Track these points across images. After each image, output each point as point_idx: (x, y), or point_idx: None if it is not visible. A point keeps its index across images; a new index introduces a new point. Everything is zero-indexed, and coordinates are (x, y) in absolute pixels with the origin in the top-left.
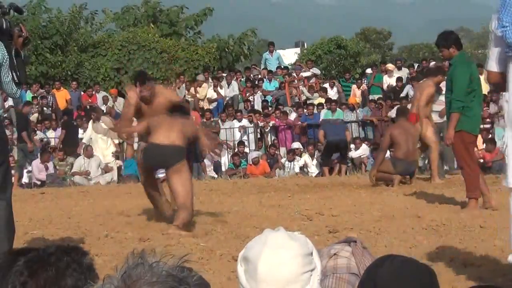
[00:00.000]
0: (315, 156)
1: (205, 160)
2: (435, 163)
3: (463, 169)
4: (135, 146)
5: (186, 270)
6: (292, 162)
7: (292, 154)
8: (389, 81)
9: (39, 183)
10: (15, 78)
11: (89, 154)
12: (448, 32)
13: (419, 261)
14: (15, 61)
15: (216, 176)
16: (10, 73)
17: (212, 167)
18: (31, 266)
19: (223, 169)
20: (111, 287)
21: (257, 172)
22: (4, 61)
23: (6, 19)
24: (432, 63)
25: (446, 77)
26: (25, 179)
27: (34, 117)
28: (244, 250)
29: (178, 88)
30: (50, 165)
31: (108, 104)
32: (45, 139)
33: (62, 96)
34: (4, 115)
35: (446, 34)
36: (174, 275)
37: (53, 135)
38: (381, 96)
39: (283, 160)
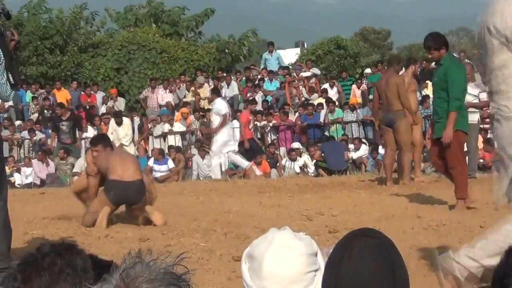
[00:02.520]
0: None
1: (204, 160)
2: (419, 163)
3: (455, 169)
4: None
5: (184, 268)
6: (293, 162)
7: (294, 153)
8: None
9: (38, 182)
10: (10, 80)
11: None
12: (437, 34)
13: (376, 248)
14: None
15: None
16: (5, 75)
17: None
18: (25, 270)
19: (223, 169)
20: (110, 287)
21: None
22: (0, 62)
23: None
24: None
25: (435, 78)
26: (26, 179)
27: (34, 117)
28: (249, 248)
29: (179, 88)
30: (51, 164)
31: (108, 104)
32: (42, 139)
33: (62, 96)
34: (5, 116)
35: (435, 36)
36: (172, 273)
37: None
38: None
39: (283, 161)
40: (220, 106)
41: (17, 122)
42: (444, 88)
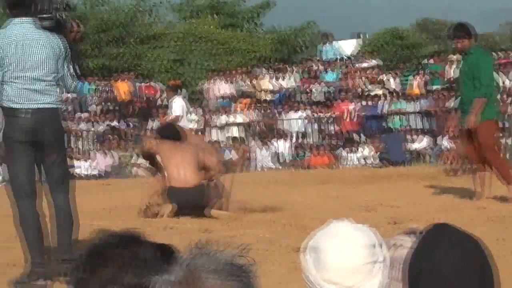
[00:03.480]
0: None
1: (266, 151)
2: None
3: (493, 160)
4: None
5: (246, 259)
6: (352, 154)
7: (352, 145)
8: (451, 72)
9: (102, 174)
10: (76, 71)
11: None
12: (463, 24)
13: (465, 242)
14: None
15: (276, 166)
16: (70, 66)
17: (271, 158)
18: (90, 261)
19: (286, 160)
20: (172, 278)
21: (319, 163)
22: (64, 53)
23: (61, 14)
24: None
25: (464, 67)
26: (89, 171)
27: (94, 108)
28: (309, 239)
29: (238, 80)
30: (115, 155)
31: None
32: (106, 129)
33: (122, 88)
34: (64, 107)
35: (462, 25)
36: (235, 264)
37: (115, 125)
38: (441, 86)
39: (341, 152)
40: (177, 106)
41: (78, 114)
42: (473, 77)
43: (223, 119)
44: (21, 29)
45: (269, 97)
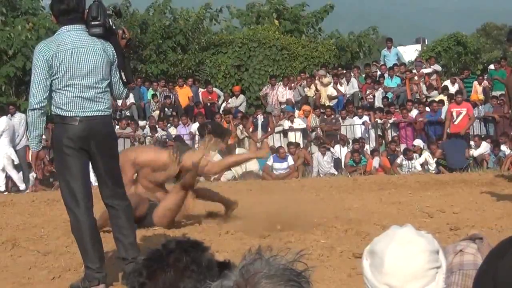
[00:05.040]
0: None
1: (324, 157)
2: None
3: None
4: None
5: (304, 265)
6: (410, 161)
7: (410, 152)
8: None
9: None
10: (123, 78)
11: None
12: None
13: None
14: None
15: (336, 173)
16: (118, 72)
17: (332, 164)
18: (150, 266)
19: (345, 166)
20: (230, 283)
21: (378, 169)
22: (114, 60)
23: (111, 20)
24: None
25: None
26: None
27: (155, 114)
28: (370, 244)
29: (300, 85)
30: None
31: (229, 102)
32: (165, 136)
33: (184, 94)
34: (126, 113)
35: None
36: (292, 269)
37: (174, 132)
38: (503, 92)
39: (399, 160)
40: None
41: (142, 122)
42: None
43: (285, 124)
44: (73, 37)
45: (330, 102)
